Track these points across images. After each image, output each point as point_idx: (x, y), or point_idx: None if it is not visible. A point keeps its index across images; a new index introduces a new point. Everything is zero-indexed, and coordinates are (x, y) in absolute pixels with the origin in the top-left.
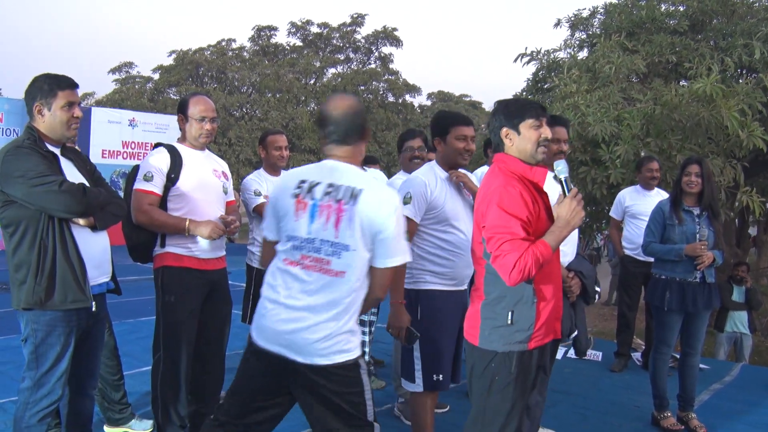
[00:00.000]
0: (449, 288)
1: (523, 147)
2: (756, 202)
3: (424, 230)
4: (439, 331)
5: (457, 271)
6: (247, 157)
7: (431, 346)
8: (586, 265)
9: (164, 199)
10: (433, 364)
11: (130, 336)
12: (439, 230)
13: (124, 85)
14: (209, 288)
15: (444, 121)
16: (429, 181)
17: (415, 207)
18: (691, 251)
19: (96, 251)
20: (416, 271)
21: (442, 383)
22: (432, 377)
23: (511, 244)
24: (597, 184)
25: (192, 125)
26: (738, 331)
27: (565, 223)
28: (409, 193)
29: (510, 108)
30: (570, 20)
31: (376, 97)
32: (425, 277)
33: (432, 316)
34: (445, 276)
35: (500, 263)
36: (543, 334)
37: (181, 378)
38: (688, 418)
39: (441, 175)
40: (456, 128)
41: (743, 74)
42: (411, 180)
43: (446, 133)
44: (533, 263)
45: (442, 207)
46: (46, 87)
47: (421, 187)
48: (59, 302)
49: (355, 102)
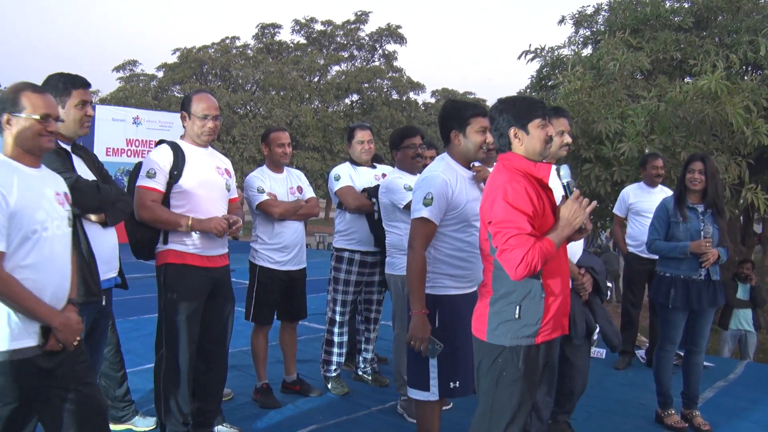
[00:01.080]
0: (467, 291)
1: (531, 146)
2: (761, 199)
3: (443, 232)
4: (459, 337)
5: (476, 272)
6: (251, 155)
7: (450, 353)
8: (597, 261)
9: (167, 196)
10: (451, 371)
11: (133, 333)
12: (459, 231)
13: (128, 83)
14: (212, 285)
15: (464, 112)
16: (450, 180)
17: (436, 208)
18: (696, 248)
19: (106, 247)
20: (434, 275)
21: (459, 390)
22: (449, 385)
23: (517, 239)
24: (601, 182)
25: (195, 123)
26: (742, 329)
27: (567, 222)
28: (430, 193)
29: (518, 108)
30: (574, 17)
31: (380, 95)
32: (444, 282)
33: (451, 322)
34: (463, 279)
35: (506, 257)
36: (551, 329)
37: (184, 375)
38: (692, 415)
39: (462, 173)
40: (476, 119)
41: (748, 71)
42: (430, 179)
43: (466, 124)
44: (539, 259)
45: (463, 207)
46: (60, 85)
47: (443, 187)
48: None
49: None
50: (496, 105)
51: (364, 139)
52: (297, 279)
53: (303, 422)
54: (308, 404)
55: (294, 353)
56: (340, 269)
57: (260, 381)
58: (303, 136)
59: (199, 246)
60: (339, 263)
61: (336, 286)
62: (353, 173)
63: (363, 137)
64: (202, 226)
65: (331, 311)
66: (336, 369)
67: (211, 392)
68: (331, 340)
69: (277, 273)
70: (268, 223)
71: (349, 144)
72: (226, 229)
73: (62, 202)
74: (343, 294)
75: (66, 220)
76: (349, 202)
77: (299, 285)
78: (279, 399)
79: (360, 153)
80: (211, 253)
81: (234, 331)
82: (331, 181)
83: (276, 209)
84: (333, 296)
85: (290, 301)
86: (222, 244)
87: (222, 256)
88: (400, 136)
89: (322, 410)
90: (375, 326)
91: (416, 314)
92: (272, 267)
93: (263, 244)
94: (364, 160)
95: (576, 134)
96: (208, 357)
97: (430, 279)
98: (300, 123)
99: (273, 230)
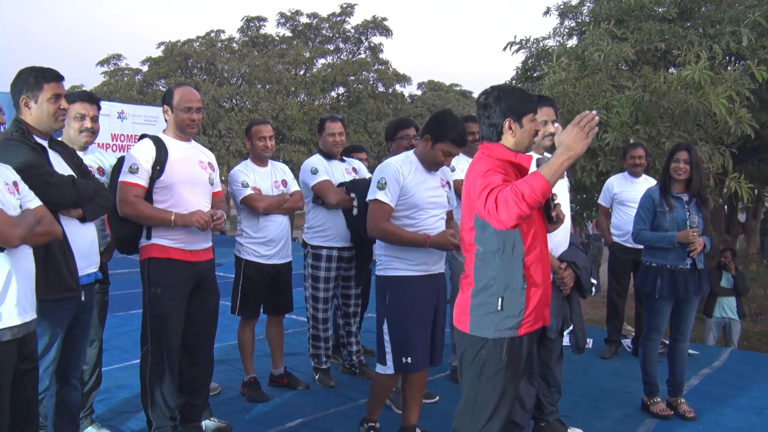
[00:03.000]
0: (419, 273)
1: (521, 139)
2: (744, 188)
3: (395, 216)
4: (408, 316)
5: (425, 257)
6: (237, 149)
7: (400, 331)
8: (581, 256)
9: (150, 191)
10: (403, 348)
11: (119, 329)
12: (409, 217)
13: (113, 77)
14: (196, 279)
15: (445, 131)
16: (402, 168)
17: (390, 191)
18: (684, 238)
19: (84, 242)
20: (386, 257)
21: (412, 365)
22: (401, 360)
23: (497, 190)
24: (586, 172)
25: (177, 115)
26: (727, 317)
27: (566, 148)
28: (383, 178)
29: (516, 98)
30: (559, 8)
31: (366, 87)
32: (394, 264)
33: (399, 301)
34: (412, 262)
35: (489, 208)
36: (533, 321)
37: (170, 370)
38: (677, 403)
39: (419, 167)
40: (449, 145)
41: (731, 61)
42: (385, 165)
43: (441, 140)
44: (529, 192)
45: (413, 194)
46: (32, 80)
47: (395, 173)
48: (48, 292)
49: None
50: (492, 92)
51: (335, 131)
52: (283, 272)
53: (291, 415)
54: (296, 397)
55: (281, 346)
56: (319, 267)
57: (247, 375)
58: (289, 130)
59: (182, 240)
60: (317, 261)
61: (316, 284)
62: (327, 167)
63: (334, 129)
64: (184, 220)
65: (314, 308)
66: (326, 361)
67: (198, 386)
68: (317, 335)
69: (263, 267)
70: (253, 217)
71: (320, 136)
72: (209, 222)
73: (12, 191)
74: (324, 291)
75: (17, 209)
76: (329, 197)
77: (285, 278)
78: (267, 392)
79: (331, 145)
80: (195, 247)
81: (221, 326)
82: (307, 174)
83: (260, 204)
84: (314, 293)
85: (276, 295)
86: (206, 238)
87: (206, 250)
88: (395, 128)
89: (310, 403)
90: (355, 319)
91: (427, 241)
92: (258, 261)
93: (248, 238)
94: (335, 152)
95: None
96: (194, 351)
97: (383, 262)
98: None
99: (258, 224)
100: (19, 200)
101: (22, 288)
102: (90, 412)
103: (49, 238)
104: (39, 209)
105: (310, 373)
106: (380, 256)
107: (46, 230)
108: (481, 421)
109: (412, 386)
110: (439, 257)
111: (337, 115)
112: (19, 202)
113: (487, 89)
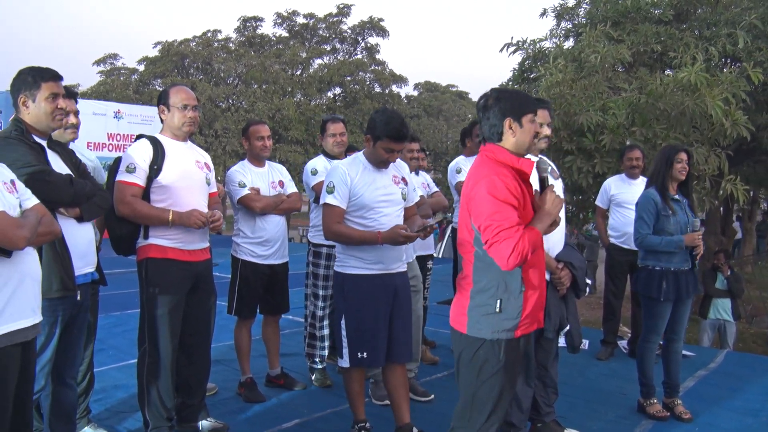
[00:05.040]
0: (375, 272)
1: (522, 140)
2: (740, 190)
3: (348, 217)
4: (363, 313)
5: (383, 255)
6: (233, 149)
7: (355, 327)
8: (576, 256)
9: (147, 190)
10: (358, 343)
11: (116, 329)
12: (361, 217)
13: (109, 77)
14: (194, 279)
15: (380, 130)
16: (350, 171)
17: (339, 194)
18: (691, 242)
19: (81, 242)
20: (343, 255)
21: (367, 361)
22: (357, 355)
23: (507, 232)
24: (583, 173)
25: (174, 114)
26: (721, 318)
27: (547, 212)
28: (332, 182)
29: (516, 99)
30: (556, 10)
31: (362, 88)
32: (351, 262)
33: (356, 298)
34: (368, 260)
35: (497, 249)
36: (529, 323)
37: (167, 370)
38: (673, 404)
39: (368, 167)
40: (393, 145)
41: (727, 63)
42: (332, 170)
43: (378, 140)
44: (529, 248)
45: (362, 195)
46: (30, 79)
47: (342, 176)
48: (45, 291)
49: None
50: (492, 93)
51: (337, 131)
52: (279, 273)
53: (287, 416)
54: (292, 398)
55: (277, 347)
56: (319, 265)
57: (244, 375)
58: (286, 130)
59: (180, 240)
60: (318, 259)
61: (316, 281)
62: (329, 167)
63: (335, 130)
64: (182, 219)
65: (313, 306)
66: (321, 361)
67: (195, 386)
68: (314, 333)
69: (259, 267)
70: (249, 218)
71: (322, 137)
72: (206, 221)
73: (11, 191)
74: (324, 289)
75: (17, 209)
76: None
77: (282, 279)
78: (263, 393)
79: (333, 146)
80: (192, 247)
81: (217, 326)
82: (308, 174)
83: (257, 204)
84: (314, 291)
85: (273, 295)
86: (203, 238)
87: (203, 250)
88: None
89: (307, 404)
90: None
91: (379, 237)
92: (255, 261)
93: (245, 238)
94: (337, 152)
95: (558, 126)
96: (191, 351)
97: (341, 260)
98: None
99: (255, 224)
100: (18, 199)
101: (32, 290)
102: (87, 412)
103: (50, 237)
104: (38, 208)
105: (306, 374)
106: (339, 253)
107: (47, 230)
108: (479, 420)
109: (394, 387)
110: (398, 256)
111: (338, 116)
112: (18, 200)
113: (486, 92)
